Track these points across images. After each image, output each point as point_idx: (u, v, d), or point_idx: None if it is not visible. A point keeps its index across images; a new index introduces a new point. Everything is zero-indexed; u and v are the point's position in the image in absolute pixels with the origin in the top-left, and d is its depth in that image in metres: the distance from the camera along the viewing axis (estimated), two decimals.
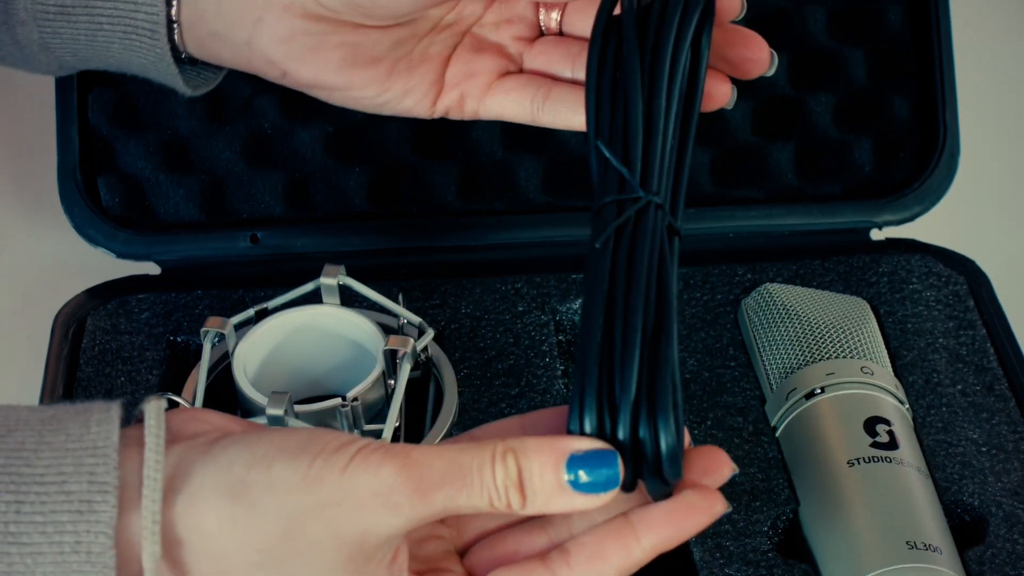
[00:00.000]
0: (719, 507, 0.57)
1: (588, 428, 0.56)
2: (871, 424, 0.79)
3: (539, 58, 0.73)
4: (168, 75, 0.71)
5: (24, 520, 0.52)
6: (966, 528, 0.80)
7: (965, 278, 0.92)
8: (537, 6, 0.73)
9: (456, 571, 0.59)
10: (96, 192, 0.93)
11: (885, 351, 0.85)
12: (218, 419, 0.58)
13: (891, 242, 0.96)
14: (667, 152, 0.62)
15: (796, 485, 0.80)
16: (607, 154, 0.61)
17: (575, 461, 0.55)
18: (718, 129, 0.96)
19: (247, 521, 0.53)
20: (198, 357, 0.80)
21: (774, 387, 0.84)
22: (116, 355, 0.87)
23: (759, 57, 0.68)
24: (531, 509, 0.55)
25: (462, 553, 0.60)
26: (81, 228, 0.93)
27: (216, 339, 0.79)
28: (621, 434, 0.55)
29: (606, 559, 0.56)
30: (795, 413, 0.81)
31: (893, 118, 0.96)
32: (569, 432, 0.56)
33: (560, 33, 0.73)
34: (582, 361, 0.56)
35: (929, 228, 0.96)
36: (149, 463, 0.53)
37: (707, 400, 0.85)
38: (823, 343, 0.83)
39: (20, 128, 1.06)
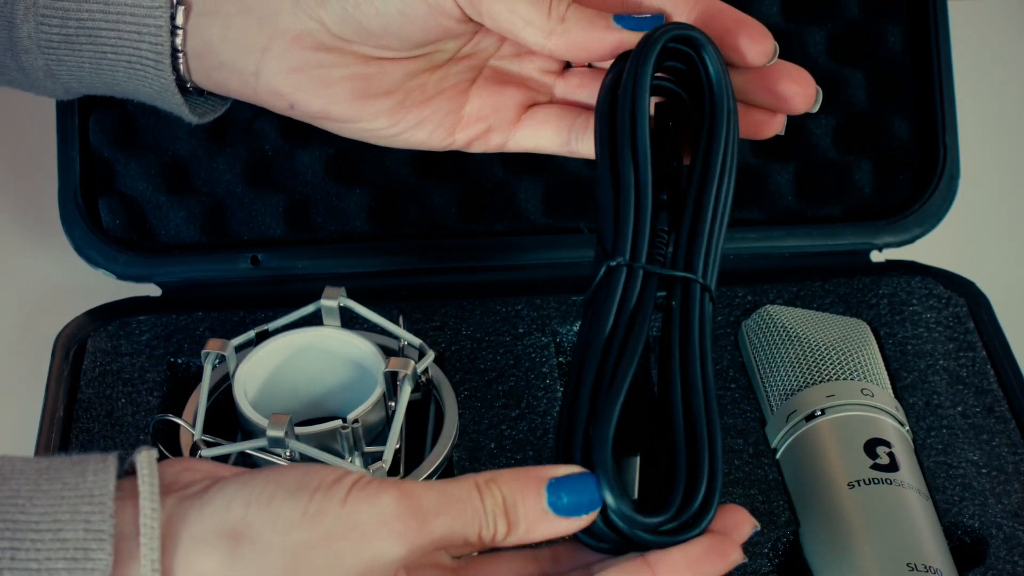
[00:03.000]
0: (735, 556, 0.57)
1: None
2: (871, 446, 0.79)
3: (573, 89, 0.72)
4: (174, 105, 0.71)
5: (19, 567, 0.52)
6: (966, 550, 0.80)
7: (965, 300, 0.92)
8: None
9: None
10: (97, 214, 0.93)
11: (885, 373, 0.85)
12: (209, 467, 0.58)
13: (891, 264, 0.96)
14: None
15: (797, 507, 0.80)
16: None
17: (555, 485, 0.56)
18: None
19: (250, 560, 0.53)
20: (199, 379, 0.79)
21: (774, 409, 0.84)
22: (117, 377, 0.87)
23: (807, 92, 0.68)
24: (514, 537, 0.56)
25: None
26: (82, 250, 0.93)
27: (217, 361, 0.79)
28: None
29: None
30: (795, 435, 0.81)
31: (893, 140, 0.96)
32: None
33: (589, 65, 0.73)
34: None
35: (929, 250, 0.96)
36: (145, 512, 0.53)
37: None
38: (823, 365, 0.83)
39: (21, 150, 1.06)
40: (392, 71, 0.69)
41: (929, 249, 0.96)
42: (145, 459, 0.55)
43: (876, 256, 0.97)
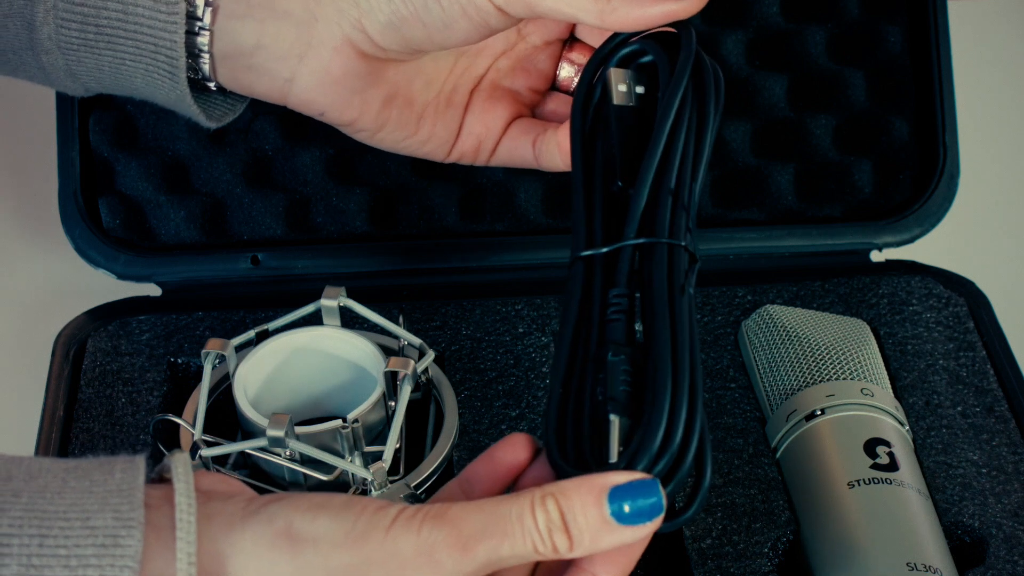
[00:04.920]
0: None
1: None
2: (871, 446, 0.79)
3: (551, 111, 0.73)
4: (190, 112, 0.71)
5: (47, 553, 0.51)
6: (966, 549, 0.80)
7: (965, 299, 0.92)
8: (557, 60, 0.73)
9: None
10: (97, 214, 0.93)
11: (885, 372, 0.85)
12: (242, 485, 0.58)
13: (891, 263, 0.96)
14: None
15: (796, 507, 0.80)
16: None
17: (616, 494, 0.55)
18: (718, 151, 0.96)
19: (289, 571, 0.53)
20: (199, 378, 0.80)
21: (774, 408, 0.84)
22: (117, 376, 0.87)
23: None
24: (579, 550, 0.55)
25: None
26: (82, 249, 0.93)
27: (217, 360, 0.79)
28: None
29: None
30: (795, 435, 0.81)
31: (893, 140, 0.96)
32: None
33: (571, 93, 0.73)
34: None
35: (929, 249, 0.96)
36: (181, 506, 0.53)
37: (707, 421, 0.85)
38: (823, 365, 0.83)
39: (21, 150, 1.06)
40: (414, 79, 0.70)
41: (929, 249, 0.96)
42: (180, 459, 0.55)
43: (876, 256, 0.97)
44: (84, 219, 0.92)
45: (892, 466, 0.78)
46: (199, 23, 0.67)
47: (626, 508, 0.54)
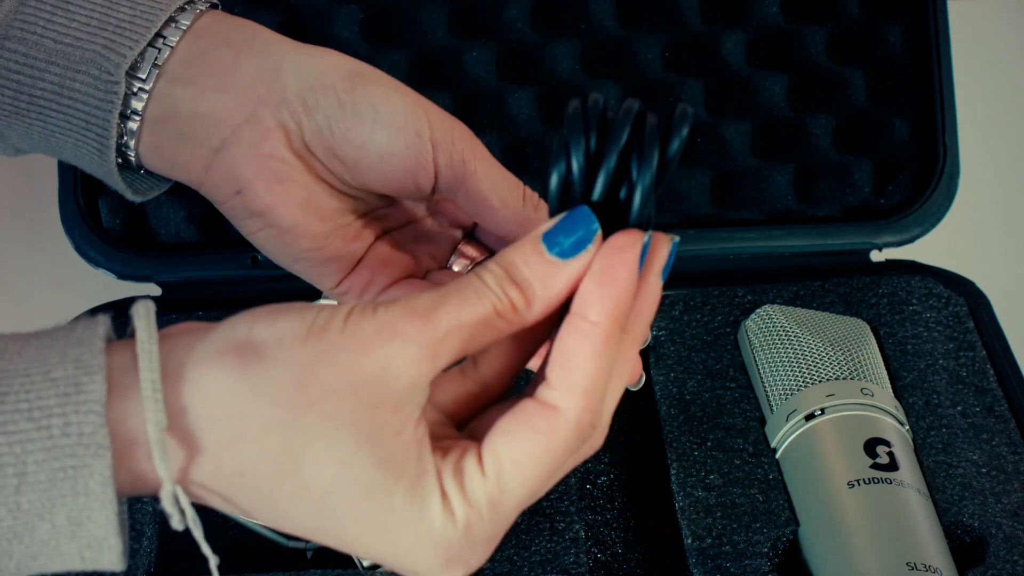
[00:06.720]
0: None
1: (575, 162, 0.55)
2: (871, 445, 0.79)
3: (445, 280, 0.71)
4: (116, 186, 0.70)
5: (8, 409, 0.51)
6: (966, 549, 0.80)
7: (965, 299, 0.92)
8: (454, 246, 0.72)
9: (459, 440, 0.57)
10: (97, 213, 0.93)
11: (885, 372, 0.85)
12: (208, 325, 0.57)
13: (891, 263, 0.96)
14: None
15: (796, 506, 0.80)
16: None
17: (550, 235, 0.55)
18: (718, 151, 0.96)
19: (256, 375, 0.52)
20: None
21: (774, 408, 0.84)
22: None
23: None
24: (536, 301, 0.55)
25: None
26: (82, 249, 0.93)
27: None
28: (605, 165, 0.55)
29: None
30: (795, 434, 0.81)
31: (893, 140, 0.96)
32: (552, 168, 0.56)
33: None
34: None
35: (929, 249, 0.96)
36: (141, 339, 0.52)
37: (707, 421, 0.85)
38: (823, 364, 0.83)
39: None
40: (333, 200, 0.68)
41: (929, 249, 0.96)
42: (141, 303, 0.54)
43: (876, 256, 0.97)
44: (84, 219, 0.92)
45: (892, 466, 0.78)
46: (139, 84, 0.66)
47: (564, 241, 0.55)
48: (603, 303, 0.55)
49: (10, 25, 0.65)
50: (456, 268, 0.72)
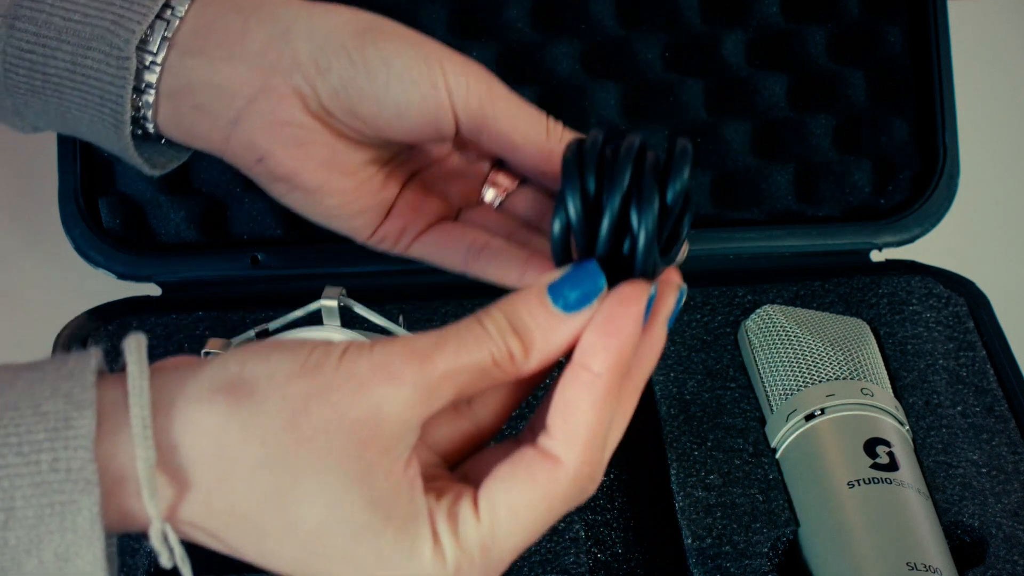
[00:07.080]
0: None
1: (572, 212, 0.55)
2: (871, 445, 0.79)
3: (479, 218, 0.71)
4: (133, 161, 0.70)
5: None
6: (966, 549, 0.80)
7: (965, 299, 0.92)
8: (484, 179, 0.71)
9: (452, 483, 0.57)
10: (97, 214, 0.93)
11: (885, 372, 0.85)
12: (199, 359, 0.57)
13: (891, 263, 0.96)
14: None
15: (796, 506, 0.80)
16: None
17: (555, 287, 0.55)
18: (718, 151, 0.96)
19: (247, 413, 0.52)
20: None
21: (774, 408, 0.84)
22: None
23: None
24: (536, 353, 0.55)
25: None
26: (82, 249, 0.93)
27: None
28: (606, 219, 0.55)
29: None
30: (795, 434, 0.81)
31: (893, 140, 0.96)
32: (554, 219, 0.56)
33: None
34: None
35: (929, 249, 0.96)
36: (132, 375, 0.52)
37: (707, 421, 0.85)
38: (823, 364, 0.83)
39: (21, 150, 1.06)
40: (357, 155, 0.68)
41: (929, 249, 0.96)
42: (133, 338, 0.54)
43: (876, 256, 0.97)
44: (84, 219, 0.92)
45: (892, 466, 0.78)
46: (151, 57, 0.66)
47: (569, 295, 0.55)
48: (606, 355, 0.55)
49: (19, 5, 0.65)
50: (487, 199, 0.72)
